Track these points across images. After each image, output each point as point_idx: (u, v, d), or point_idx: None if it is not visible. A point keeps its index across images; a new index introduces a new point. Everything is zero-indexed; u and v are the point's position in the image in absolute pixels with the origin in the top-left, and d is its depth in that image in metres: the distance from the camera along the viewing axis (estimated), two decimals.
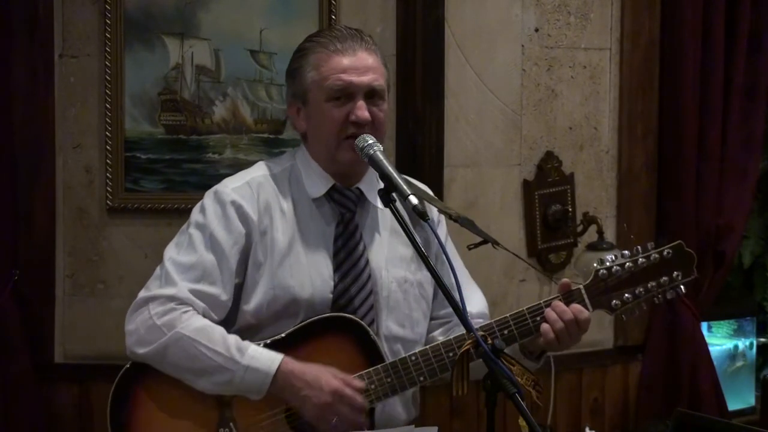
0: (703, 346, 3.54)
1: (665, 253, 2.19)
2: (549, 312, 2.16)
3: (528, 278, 3.30)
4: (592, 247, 3.27)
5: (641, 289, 2.19)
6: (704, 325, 3.64)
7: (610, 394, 3.47)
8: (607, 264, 2.19)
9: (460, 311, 1.86)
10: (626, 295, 2.19)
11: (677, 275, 2.19)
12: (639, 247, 2.20)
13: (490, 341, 1.85)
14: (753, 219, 3.94)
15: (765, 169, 3.92)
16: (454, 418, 3.25)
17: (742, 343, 3.84)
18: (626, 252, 2.20)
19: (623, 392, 3.50)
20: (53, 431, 3.07)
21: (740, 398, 3.80)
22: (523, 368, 1.99)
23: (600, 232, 3.27)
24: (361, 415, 2.14)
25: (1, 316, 2.97)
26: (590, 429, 3.02)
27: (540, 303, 2.19)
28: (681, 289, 2.21)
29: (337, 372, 2.15)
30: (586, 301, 2.18)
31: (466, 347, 1.88)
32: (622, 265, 2.19)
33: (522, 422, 1.74)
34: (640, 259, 2.19)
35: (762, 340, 3.98)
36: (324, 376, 2.13)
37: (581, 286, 2.20)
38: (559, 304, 2.17)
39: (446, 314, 2.41)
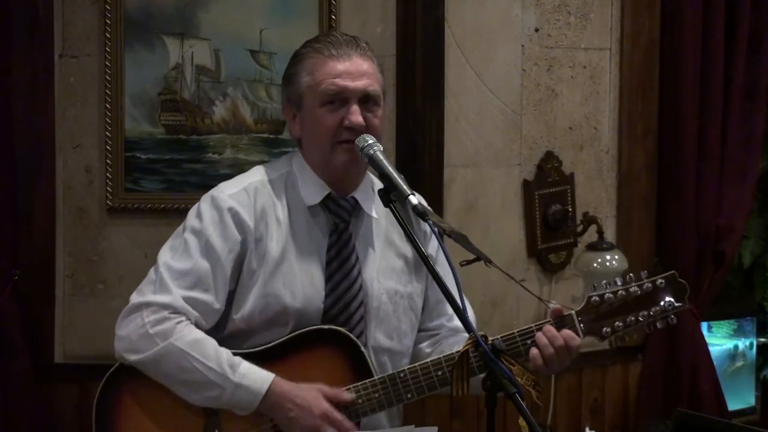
0: (703, 346, 3.54)
1: (658, 282, 2.19)
2: (540, 337, 2.16)
3: (528, 279, 3.30)
4: (592, 247, 3.28)
5: (632, 318, 2.19)
6: (704, 325, 3.64)
7: (610, 394, 3.47)
8: (600, 291, 2.19)
9: (460, 311, 1.86)
10: (617, 323, 2.19)
11: (669, 305, 2.19)
12: (632, 275, 2.21)
13: (489, 341, 1.85)
14: (753, 219, 3.94)
15: (765, 169, 3.92)
16: (454, 418, 3.25)
17: (742, 343, 3.84)
18: (619, 279, 2.21)
19: (623, 392, 3.49)
20: (53, 431, 3.07)
21: (740, 398, 3.80)
22: (523, 368, 1.98)
23: (600, 232, 3.27)
24: None
25: (1, 316, 2.97)
26: (590, 429, 3.03)
27: (531, 326, 2.19)
28: (672, 319, 2.20)
29: (326, 389, 2.14)
30: (578, 327, 2.18)
31: (466, 347, 1.88)
32: (615, 293, 2.18)
33: (522, 422, 1.74)
34: (633, 288, 2.19)
35: (762, 340, 3.99)
36: (313, 398, 2.11)
37: (573, 312, 2.19)
38: (551, 330, 2.16)
39: (434, 326, 2.40)
